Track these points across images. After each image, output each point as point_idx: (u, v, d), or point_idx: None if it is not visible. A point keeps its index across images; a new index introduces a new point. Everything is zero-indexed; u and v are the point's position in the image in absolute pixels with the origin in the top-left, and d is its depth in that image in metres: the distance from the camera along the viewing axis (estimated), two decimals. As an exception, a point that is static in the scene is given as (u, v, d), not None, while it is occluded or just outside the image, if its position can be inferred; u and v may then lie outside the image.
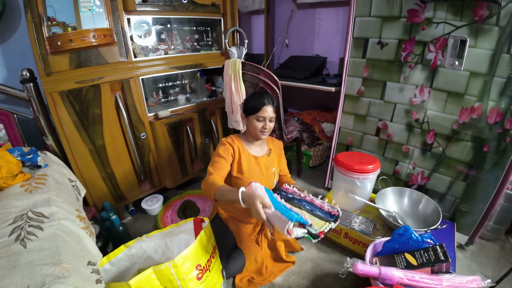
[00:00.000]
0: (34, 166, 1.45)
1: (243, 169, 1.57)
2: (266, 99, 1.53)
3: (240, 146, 1.59)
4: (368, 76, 1.93)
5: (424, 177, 1.91)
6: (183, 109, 2.24)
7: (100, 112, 1.79)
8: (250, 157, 1.61)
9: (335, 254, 1.82)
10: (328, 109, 3.18)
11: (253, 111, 1.53)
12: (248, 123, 1.58)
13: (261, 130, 1.55)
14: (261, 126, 1.54)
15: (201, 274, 1.13)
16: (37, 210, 1.09)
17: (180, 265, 1.04)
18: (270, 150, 1.71)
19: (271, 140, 1.77)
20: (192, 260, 1.10)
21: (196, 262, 1.12)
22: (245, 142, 1.63)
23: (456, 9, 1.50)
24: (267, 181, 1.66)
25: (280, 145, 1.80)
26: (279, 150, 1.78)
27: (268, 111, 1.52)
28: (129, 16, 1.84)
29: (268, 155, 1.69)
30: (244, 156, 1.59)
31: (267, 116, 1.52)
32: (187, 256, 1.07)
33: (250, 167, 1.60)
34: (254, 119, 1.54)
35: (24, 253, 0.89)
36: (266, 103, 1.52)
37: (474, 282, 1.17)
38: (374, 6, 1.76)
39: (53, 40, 1.53)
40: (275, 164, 1.73)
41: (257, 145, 1.67)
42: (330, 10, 2.80)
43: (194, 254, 1.11)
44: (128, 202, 2.18)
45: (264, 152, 1.69)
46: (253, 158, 1.62)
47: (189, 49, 2.32)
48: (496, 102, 1.51)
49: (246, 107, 1.57)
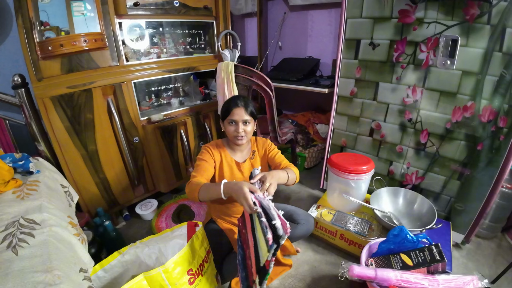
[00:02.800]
0: (26, 172, 1.43)
1: (224, 176, 1.53)
2: (238, 101, 1.45)
3: (222, 152, 1.55)
4: (361, 77, 1.94)
5: (418, 176, 1.91)
6: (177, 113, 2.23)
7: (92, 116, 1.78)
8: (232, 163, 1.57)
9: (331, 256, 1.81)
10: (322, 111, 3.18)
11: (225, 115, 1.47)
12: (224, 128, 1.52)
13: (234, 135, 1.46)
14: (233, 130, 1.45)
15: (193, 279, 1.12)
16: (28, 217, 1.07)
17: (171, 270, 1.03)
18: (253, 152, 1.64)
19: (255, 141, 1.68)
20: (183, 265, 1.09)
21: (188, 267, 1.11)
22: (227, 147, 1.59)
23: (447, 8, 1.51)
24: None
25: (264, 141, 1.68)
26: (264, 147, 1.66)
27: (239, 113, 1.43)
28: (121, 20, 1.83)
29: (251, 158, 1.63)
30: (225, 162, 1.55)
31: (238, 119, 1.43)
32: (177, 261, 1.06)
33: (232, 173, 1.56)
34: (227, 123, 1.47)
35: (15, 260, 0.87)
36: (237, 105, 1.44)
37: (471, 283, 1.17)
38: (365, 7, 1.77)
39: (44, 45, 1.52)
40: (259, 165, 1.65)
41: (240, 150, 1.60)
42: (323, 12, 2.81)
43: (185, 259, 1.10)
44: (122, 207, 2.16)
45: (247, 156, 1.62)
46: (235, 164, 1.58)
47: (182, 52, 2.31)
48: (489, 100, 1.52)
49: (221, 112, 1.52)
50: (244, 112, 1.44)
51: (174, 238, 1.40)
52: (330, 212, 1.91)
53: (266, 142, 1.68)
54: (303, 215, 1.70)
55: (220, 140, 1.61)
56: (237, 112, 1.43)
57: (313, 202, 2.07)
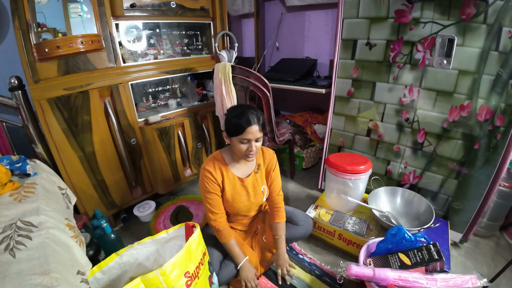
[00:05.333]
0: (23, 174, 1.42)
1: (226, 194, 1.47)
2: (252, 118, 1.30)
3: (223, 171, 1.45)
4: (358, 77, 1.94)
5: (416, 176, 1.91)
6: (174, 114, 2.23)
7: (89, 118, 1.77)
8: (234, 180, 1.48)
9: (330, 255, 1.81)
10: (319, 111, 3.19)
11: (235, 132, 1.32)
12: (232, 144, 1.39)
13: (246, 153, 1.36)
14: (245, 148, 1.34)
15: (190, 281, 1.12)
16: (25, 219, 1.07)
17: (168, 272, 1.02)
18: (258, 166, 1.54)
19: (261, 152, 1.57)
20: (181, 267, 1.08)
21: (185, 269, 1.10)
22: (229, 160, 1.48)
23: (443, 8, 1.51)
24: (255, 200, 1.56)
25: (272, 156, 1.58)
26: (271, 163, 1.57)
27: (254, 131, 1.30)
28: (118, 22, 1.82)
29: (255, 172, 1.54)
30: (227, 180, 1.46)
31: (253, 138, 1.31)
32: (175, 263, 1.06)
33: (235, 191, 1.49)
34: (237, 141, 1.33)
35: (13, 263, 0.87)
36: (251, 123, 1.29)
37: (469, 282, 1.17)
38: (361, 8, 1.77)
39: (40, 47, 1.52)
40: (264, 181, 1.58)
41: (243, 163, 1.51)
42: (319, 13, 2.81)
43: (183, 261, 1.09)
44: (120, 209, 2.15)
45: (251, 170, 1.53)
46: (238, 181, 1.49)
47: (179, 53, 2.31)
48: (485, 99, 1.52)
49: (227, 126, 1.35)
50: (259, 130, 1.32)
51: (172, 239, 1.40)
52: (328, 212, 1.91)
53: (273, 158, 1.58)
54: (302, 216, 1.70)
55: (219, 153, 1.50)
56: (252, 131, 1.30)
57: (311, 203, 2.07)
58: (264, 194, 1.58)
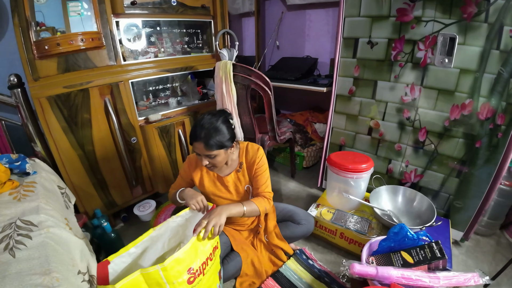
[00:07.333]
0: (23, 173, 1.41)
1: (206, 191, 1.50)
2: (198, 133, 1.25)
3: (203, 167, 1.48)
4: (359, 75, 1.93)
5: (417, 174, 1.91)
6: (175, 112, 2.22)
7: (89, 116, 1.76)
8: (214, 177, 1.51)
9: (331, 254, 1.81)
10: (320, 110, 3.19)
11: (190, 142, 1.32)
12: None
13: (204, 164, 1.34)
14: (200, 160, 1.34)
15: (192, 278, 1.11)
16: (25, 219, 1.06)
17: (169, 268, 1.01)
18: (240, 164, 1.51)
19: (244, 150, 1.52)
20: (184, 263, 1.07)
21: (188, 265, 1.09)
22: None
23: (444, 7, 1.51)
24: (239, 199, 1.55)
25: (255, 152, 1.49)
26: (252, 158, 1.49)
27: (199, 148, 1.27)
28: (118, 19, 1.81)
29: (237, 170, 1.52)
30: (207, 177, 1.50)
31: (200, 153, 1.29)
32: (178, 259, 1.05)
33: (216, 188, 1.51)
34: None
35: (13, 263, 0.86)
36: (196, 138, 1.26)
37: (471, 280, 1.17)
38: (363, 6, 1.77)
39: (40, 44, 1.51)
40: (248, 180, 1.54)
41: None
42: (320, 11, 2.81)
43: (186, 257, 1.08)
44: (120, 209, 2.14)
45: (233, 169, 1.52)
46: (218, 178, 1.50)
47: (180, 51, 2.30)
48: (486, 98, 1.52)
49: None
50: (204, 148, 1.26)
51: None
52: (329, 211, 1.90)
53: (256, 153, 1.49)
54: (303, 215, 1.69)
55: None
56: (197, 146, 1.28)
57: (312, 201, 2.06)
58: (250, 193, 1.57)
